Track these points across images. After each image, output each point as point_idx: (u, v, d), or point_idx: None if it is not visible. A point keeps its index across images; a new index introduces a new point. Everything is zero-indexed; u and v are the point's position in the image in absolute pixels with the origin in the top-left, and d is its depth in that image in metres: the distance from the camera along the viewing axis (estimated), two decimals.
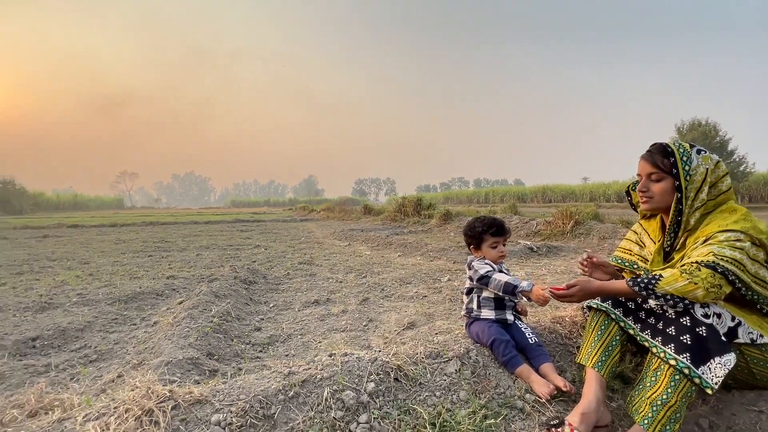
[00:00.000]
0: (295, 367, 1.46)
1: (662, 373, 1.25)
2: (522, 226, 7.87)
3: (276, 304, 3.18)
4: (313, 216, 19.60)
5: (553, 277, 4.05)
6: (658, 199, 1.47)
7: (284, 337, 2.41)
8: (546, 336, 1.79)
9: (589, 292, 1.46)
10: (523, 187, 48.62)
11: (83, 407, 1.26)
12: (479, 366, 1.57)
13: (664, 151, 1.44)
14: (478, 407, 1.37)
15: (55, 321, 2.68)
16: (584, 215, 7.05)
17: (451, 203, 46.14)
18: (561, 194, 36.85)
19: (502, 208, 10.64)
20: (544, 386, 1.43)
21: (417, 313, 2.82)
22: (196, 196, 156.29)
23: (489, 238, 1.78)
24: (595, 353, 1.43)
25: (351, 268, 4.75)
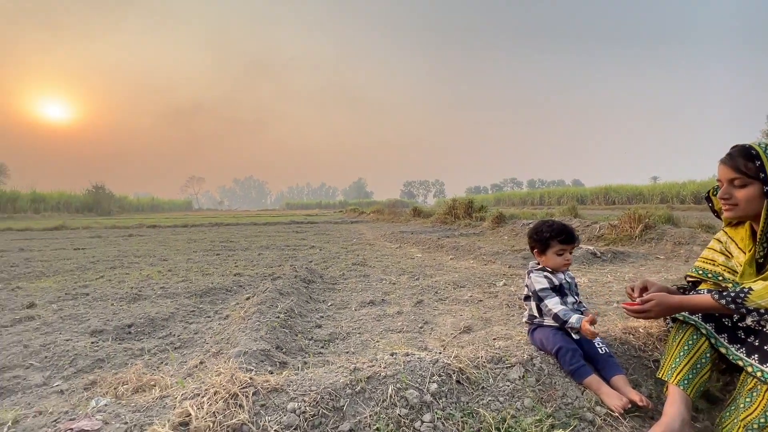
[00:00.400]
0: (360, 364, 1.52)
1: (759, 395, 1.14)
2: (583, 229, 7.40)
3: (334, 303, 3.32)
4: (363, 218, 19.98)
5: (620, 285, 3.78)
6: (743, 206, 1.35)
7: (343, 335, 2.50)
8: (617, 347, 1.70)
9: (667, 307, 1.37)
10: (583, 188, 45.60)
11: (178, 387, 1.43)
12: (544, 374, 1.53)
13: (747, 153, 1.31)
14: (545, 416, 1.34)
15: (144, 311, 3.02)
16: (656, 218, 6.47)
17: (503, 205, 44.52)
18: (626, 195, 34.03)
19: (561, 211, 10.09)
20: (616, 399, 1.36)
21: (473, 317, 2.79)
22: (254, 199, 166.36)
23: (556, 245, 1.72)
24: (680, 369, 1.33)
25: (403, 270, 4.79)
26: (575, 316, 1.55)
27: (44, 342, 2.37)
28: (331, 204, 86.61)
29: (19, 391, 1.82)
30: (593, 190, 38.62)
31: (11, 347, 2.30)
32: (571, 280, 1.75)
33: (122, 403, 1.35)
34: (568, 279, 1.73)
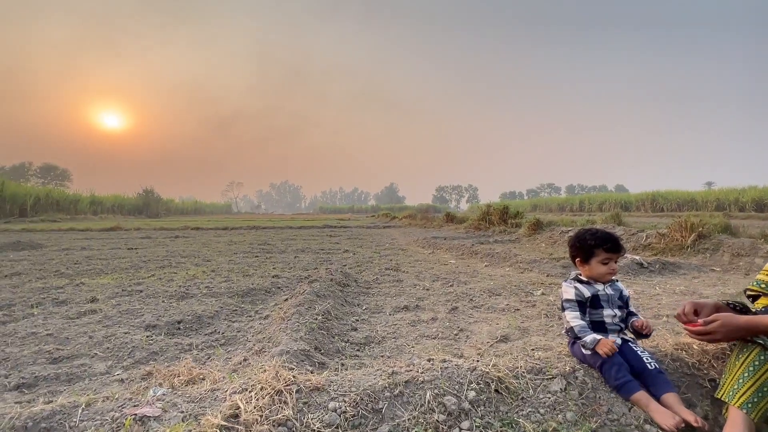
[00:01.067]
0: (398, 368, 1.55)
1: None
2: (628, 238, 7.02)
3: (368, 307, 3.36)
4: (395, 223, 20.03)
5: (671, 298, 3.56)
6: None
7: (379, 338, 2.54)
8: (668, 363, 1.61)
9: (734, 329, 1.29)
10: (627, 194, 43.16)
11: (227, 381, 1.52)
12: (587, 387, 1.48)
13: None
14: (589, 430, 1.30)
15: (192, 308, 3.22)
16: (711, 227, 6.03)
17: (539, 211, 43.02)
18: (676, 202, 31.88)
19: (603, 218, 9.62)
20: (669, 417, 1.29)
21: (510, 326, 2.74)
22: (289, 203, 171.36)
23: (601, 254, 1.67)
24: (744, 391, 1.24)
25: (437, 276, 4.77)
26: (591, 336, 1.52)
27: (106, 334, 2.59)
28: (363, 208, 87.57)
29: (86, 378, 2.00)
30: (638, 196, 36.47)
31: (78, 337, 2.53)
32: (614, 291, 1.68)
33: (178, 393, 1.45)
34: (609, 291, 1.67)
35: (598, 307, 1.66)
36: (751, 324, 1.28)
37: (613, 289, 1.70)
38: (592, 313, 1.67)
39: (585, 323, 1.62)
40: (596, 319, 1.66)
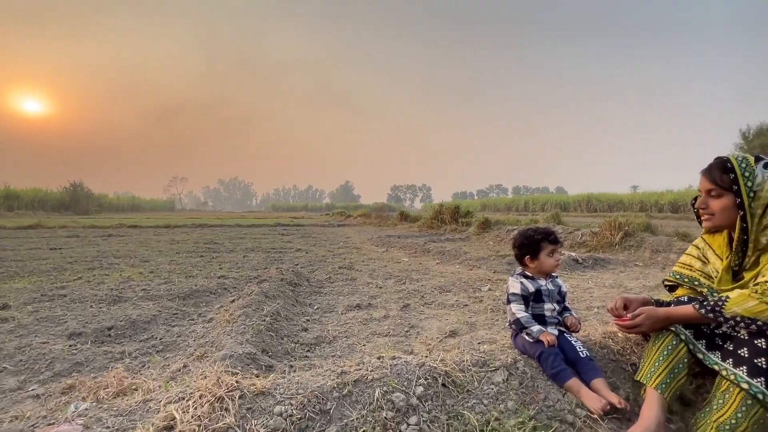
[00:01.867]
0: (347, 367, 1.53)
1: (731, 396, 1.20)
2: (566, 236, 7.57)
3: (320, 307, 3.31)
4: (349, 221, 19.94)
5: (601, 291, 3.89)
6: (718, 216, 1.43)
7: (330, 338, 2.50)
8: (597, 351, 1.75)
9: (657, 320, 1.44)
10: (566, 196, 46.58)
11: (162, 391, 1.41)
12: (527, 377, 1.57)
13: (723, 166, 1.38)
14: (527, 418, 1.38)
15: (125, 313, 2.96)
16: (635, 226, 6.67)
17: (488, 211, 45.09)
18: (607, 203, 34.95)
19: (545, 218, 10.29)
20: (596, 401, 1.40)
21: (458, 321, 2.83)
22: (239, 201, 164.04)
23: (547, 246, 1.77)
24: (659, 374, 1.38)
25: (390, 274, 4.81)
26: (537, 327, 1.63)
27: (19, 345, 2.30)
28: (317, 207, 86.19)
29: None
30: (576, 197, 39.52)
31: None
32: (554, 287, 1.79)
33: (104, 407, 1.32)
34: (550, 286, 1.78)
35: (540, 301, 1.77)
36: (670, 314, 1.42)
37: (554, 285, 1.81)
38: (534, 306, 1.77)
39: (530, 315, 1.71)
40: (538, 312, 1.76)
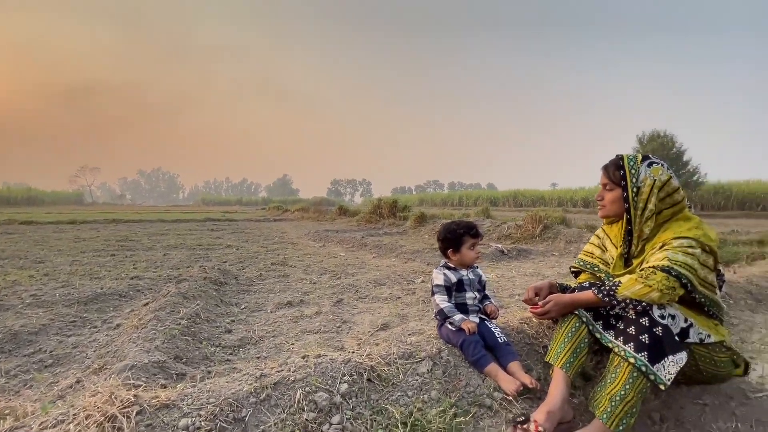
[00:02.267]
0: (267, 370, 1.44)
1: (621, 370, 1.33)
2: (494, 229, 8.07)
3: (248, 306, 3.12)
4: (287, 216, 19.29)
5: (522, 279, 4.19)
6: (608, 207, 1.61)
7: (256, 339, 2.36)
8: (514, 336, 1.86)
9: (564, 305, 1.55)
10: (496, 192, 49.86)
11: (38, 415, 1.19)
12: (450, 366, 1.61)
13: (616, 163, 1.57)
14: (449, 406, 1.41)
15: (5, 324, 2.51)
16: (552, 219, 7.33)
17: (426, 206, 46.65)
18: (531, 199, 38.08)
19: (476, 212, 10.88)
20: (511, 383, 1.48)
21: (390, 314, 2.85)
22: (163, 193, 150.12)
23: (468, 240, 1.83)
24: (564, 354, 1.49)
25: (325, 270, 4.72)
26: (459, 316, 1.69)
27: None
28: (253, 201, 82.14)
29: None
30: (504, 193, 42.51)
31: None
32: (475, 276, 1.87)
33: None
34: (471, 276, 1.85)
35: (462, 291, 1.83)
36: (574, 300, 1.55)
37: (474, 275, 1.89)
38: (457, 296, 1.83)
39: (452, 305, 1.77)
40: (460, 301, 1.82)
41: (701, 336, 1.41)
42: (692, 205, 24.12)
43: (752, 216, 18.90)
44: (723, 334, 1.48)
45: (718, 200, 24.19)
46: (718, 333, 1.46)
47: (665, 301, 1.35)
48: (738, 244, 5.54)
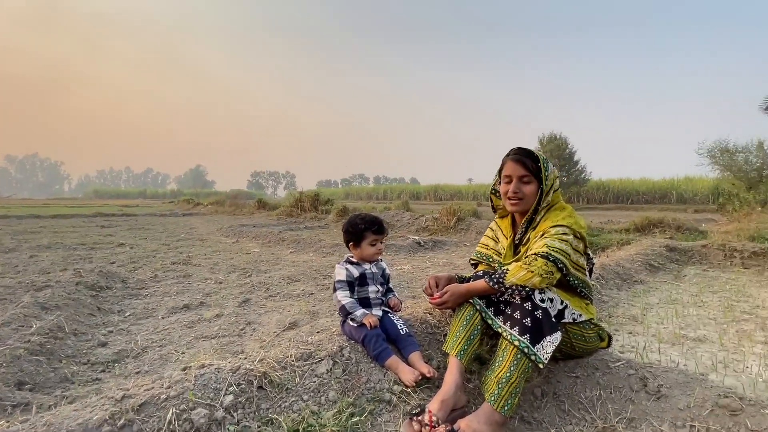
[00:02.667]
0: (134, 389, 1.23)
1: (508, 353, 1.40)
2: (412, 222, 8.33)
3: (134, 313, 2.72)
4: (199, 210, 17.67)
5: (436, 269, 4.36)
6: (527, 200, 1.62)
7: (137, 351, 2.05)
8: (418, 326, 1.88)
9: (460, 295, 1.59)
10: (418, 186, 51.92)
11: None
12: (351, 363, 1.56)
13: (534, 156, 1.62)
14: (346, 406, 1.35)
15: None
16: (465, 212, 7.80)
17: (351, 199, 46.71)
18: (450, 193, 40.42)
19: (396, 205, 11.13)
20: (409, 375, 1.48)
21: (301, 311, 2.72)
22: (42, 185, 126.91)
23: (370, 236, 1.79)
24: (459, 342, 1.53)
25: (235, 267, 4.37)
26: (361, 311, 1.67)
27: None
28: (159, 193, 73.80)
29: None
30: (426, 187, 44.44)
31: None
32: (378, 270, 1.84)
33: None
34: (374, 269, 1.82)
35: (365, 285, 1.79)
36: (469, 289, 1.60)
37: (378, 268, 1.86)
38: (360, 290, 1.78)
39: (354, 300, 1.72)
40: (363, 295, 1.79)
41: (574, 316, 1.56)
42: (581, 199, 27.89)
43: (624, 209, 22.50)
44: (592, 313, 1.65)
45: (599, 195, 28.30)
46: (588, 312, 1.63)
47: (545, 285, 1.45)
48: (611, 233, 6.49)
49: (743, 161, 15.61)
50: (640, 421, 1.28)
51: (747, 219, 7.59)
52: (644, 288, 3.40)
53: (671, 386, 1.34)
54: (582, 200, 28.09)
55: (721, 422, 1.18)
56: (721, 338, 2.17)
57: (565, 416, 1.42)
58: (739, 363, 1.87)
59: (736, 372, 1.78)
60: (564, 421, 1.39)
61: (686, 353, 1.99)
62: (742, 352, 1.99)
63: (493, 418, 1.30)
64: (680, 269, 4.22)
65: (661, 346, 2.08)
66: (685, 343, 2.13)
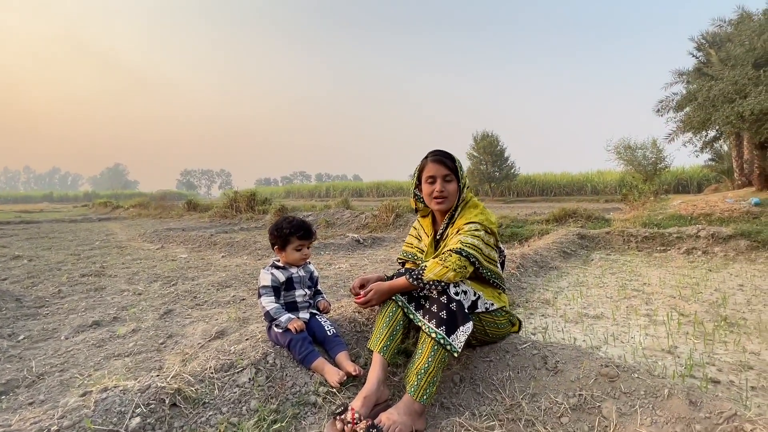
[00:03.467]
0: (18, 424, 1.10)
1: (426, 345, 1.48)
2: (353, 219, 8.35)
3: (29, 336, 2.40)
4: (119, 214, 16.00)
5: (374, 266, 4.42)
6: (451, 198, 1.71)
7: (32, 379, 1.82)
8: (346, 326, 1.90)
9: (382, 293, 1.64)
10: (361, 183, 52.00)
11: None
12: (276, 369, 1.53)
13: (452, 157, 1.73)
14: (268, 413, 1.33)
15: None
16: (403, 208, 7.99)
17: (292, 197, 45.43)
18: (392, 189, 41.09)
19: (336, 203, 11.06)
20: (334, 375, 1.50)
21: (230, 319, 2.60)
22: None
23: (295, 241, 1.77)
24: (382, 338, 1.57)
25: (158, 276, 4.04)
26: (286, 316, 1.66)
27: None
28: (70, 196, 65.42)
29: None
30: (368, 184, 44.68)
31: None
32: (306, 273, 1.83)
33: None
34: (302, 273, 1.81)
35: (291, 289, 1.77)
36: (392, 286, 1.65)
37: (305, 271, 1.85)
38: (286, 295, 1.76)
39: (279, 305, 1.69)
40: (290, 299, 1.77)
41: (487, 305, 1.69)
42: (512, 193, 29.97)
43: (548, 201, 24.66)
44: (504, 301, 1.80)
45: (527, 189, 30.68)
46: (500, 300, 1.77)
47: (459, 279, 1.55)
48: (534, 224, 7.09)
49: (642, 157, 17.94)
50: (540, 395, 1.43)
51: (643, 207, 8.76)
52: (557, 273, 3.77)
53: (566, 362, 1.52)
54: (513, 194, 30.22)
55: (602, 389, 1.36)
56: (614, 314, 2.50)
57: (479, 398, 1.53)
58: (625, 335, 2.16)
59: (623, 343, 2.06)
60: (479, 403, 1.51)
61: (586, 330, 2.25)
62: (628, 325, 2.31)
63: (413, 408, 1.37)
64: (588, 255, 4.75)
65: (566, 325, 2.34)
66: (585, 320, 2.41)
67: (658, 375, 1.40)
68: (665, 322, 2.31)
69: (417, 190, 1.85)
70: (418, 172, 1.80)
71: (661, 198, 11.15)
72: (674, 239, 4.81)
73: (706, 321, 2.32)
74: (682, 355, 1.89)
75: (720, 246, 4.46)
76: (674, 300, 2.75)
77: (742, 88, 8.87)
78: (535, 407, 1.40)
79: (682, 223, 5.93)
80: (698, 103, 10.07)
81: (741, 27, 10.19)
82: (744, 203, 6.74)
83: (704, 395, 1.25)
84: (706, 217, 6.25)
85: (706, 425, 1.14)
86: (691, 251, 4.49)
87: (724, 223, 5.57)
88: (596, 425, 1.27)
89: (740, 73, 9.02)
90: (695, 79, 12.74)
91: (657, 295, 2.89)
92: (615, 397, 1.33)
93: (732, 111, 8.79)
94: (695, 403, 1.21)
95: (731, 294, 2.87)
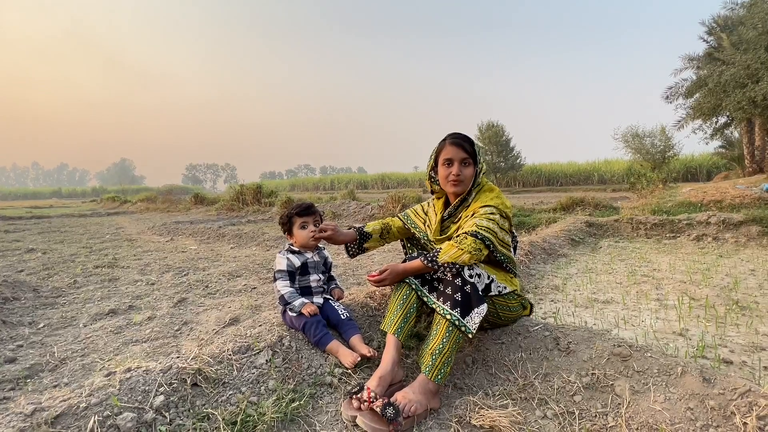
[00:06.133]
0: (48, 401, 1.14)
1: (441, 327, 1.50)
2: (359, 210, 8.38)
3: (49, 324, 2.46)
4: (126, 208, 16.18)
5: (381, 255, 4.45)
6: (466, 182, 1.71)
7: (54, 363, 1.88)
8: (359, 311, 1.93)
9: (397, 273, 1.65)
10: (366, 175, 51.93)
11: None
12: (292, 351, 1.57)
13: (471, 140, 1.72)
14: (286, 392, 1.37)
15: None
16: (409, 199, 8.00)
17: (297, 190, 45.54)
18: (397, 181, 41.04)
19: (342, 195, 11.08)
20: (349, 356, 1.53)
21: (242, 307, 2.65)
22: None
23: (297, 220, 1.80)
24: (396, 320, 1.60)
25: (169, 267, 4.10)
26: (299, 300, 1.69)
27: None
28: (78, 192, 66.22)
29: None
30: (373, 176, 44.64)
31: None
32: (320, 258, 1.86)
33: None
34: (316, 258, 1.83)
35: (306, 274, 1.80)
36: (406, 268, 1.67)
37: (320, 257, 1.87)
38: (301, 279, 1.79)
39: (294, 290, 1.72)
40: (304, 284, 1.79)
41: (500, 288, 1.70)
42: (517, 183, 29.78)
43: (554, 190, 24.48)
44: (516, 285, 1.81)
45: (533, 179, 30.46)
46: (512, 284, 1.78)
47: (474, 261, 1.57)
48: (541, 212, 7.06)
49: (650, 145, 17.72)
50: (553, 375, 1.45)
51: (651, 195, 8.67)
52: (566, 261, 3.77)
53: (578, 342, 1.53)
54: (518, 184, 30.03)
55: (615, 368, 1.38)
56: (624, 299, 2.50)
57: (492, 379, 1.55)
58: (636, 318, 2.17)
59: (634, 326, 2.06)
60: (491, 383, 1.53)
61: (596, 314, 2.26)
62: (639, 309, 2.31)
63: (427, 387, 1.39)
64: (597, 242, 4.74)
65: (576, 309, 2.35)
66: (595, 305, 2.42)
67: (670, 355, 1.41)
68: (676, 306, 2.31)
69: (433, 172, 1.85)
70: (436, 153, 1.80)
71: (670, 186, 11.03)
72: (684, 226, 4.78)
73: (718, 305, 2.32)
74: (694, 337, 1.90)
75: (731, 232, 4.42)
76: (685, 285, 2.75)
77: (754, 73, 8.69)
78: (548, 386, 1.42)
79: (692, 210, 5.88)
80: (709, 89, 9.89)
81: (754, 9, 9.93)
82: (755, 189, 6.65)
83: (717, 373, 1.26)
84: (717, 203, 6.19)
85: (720, 401, 1.15)
86: (702, 237, 4.46)
87: (735, 210, 5.51)
88: (609, 402, 1.29)
89: (753, 57, 8.83)
90: (706, 64, 12.48)
91: (667, 281, 2.88)
92: (628, 375, 1.34)
93: (743, 96, 8.62)
94: (709, 380, 1.22)
95: (743, 279, 2.86)
